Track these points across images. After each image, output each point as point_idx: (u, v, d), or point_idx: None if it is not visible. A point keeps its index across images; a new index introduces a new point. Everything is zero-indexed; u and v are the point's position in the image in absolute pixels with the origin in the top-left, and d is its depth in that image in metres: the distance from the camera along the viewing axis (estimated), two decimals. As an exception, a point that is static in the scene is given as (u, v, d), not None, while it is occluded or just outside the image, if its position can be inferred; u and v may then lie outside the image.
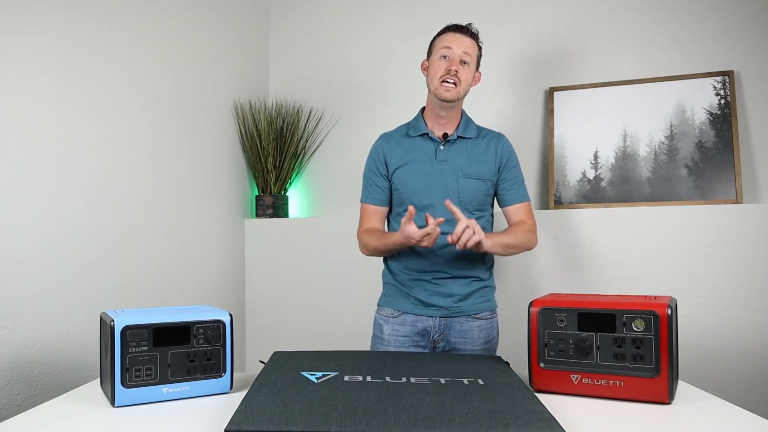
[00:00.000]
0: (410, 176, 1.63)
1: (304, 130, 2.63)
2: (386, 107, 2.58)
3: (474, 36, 1.62)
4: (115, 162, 1.84)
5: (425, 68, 1.67)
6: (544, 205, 2.35)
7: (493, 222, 1.74)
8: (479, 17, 2.49)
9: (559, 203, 2.27)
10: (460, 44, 1.58)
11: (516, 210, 1.69)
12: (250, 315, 2.57)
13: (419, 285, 1.63)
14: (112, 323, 1.05)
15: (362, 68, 2.64)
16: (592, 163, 2.25)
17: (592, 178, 2.24)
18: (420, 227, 1.46)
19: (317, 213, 2.67)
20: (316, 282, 2.49)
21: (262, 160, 2.53)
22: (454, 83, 1.58)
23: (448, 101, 1.60)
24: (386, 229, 1.75)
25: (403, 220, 1.46)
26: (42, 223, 1.58)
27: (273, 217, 2.55)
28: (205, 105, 2.30)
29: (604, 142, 2.24)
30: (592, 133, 2.27)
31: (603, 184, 2.22)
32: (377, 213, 1.70)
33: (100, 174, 1.78)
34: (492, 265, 1.73)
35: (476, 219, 1.58)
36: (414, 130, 1.68)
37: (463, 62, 1.59)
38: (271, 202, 2.55)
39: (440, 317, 1.62)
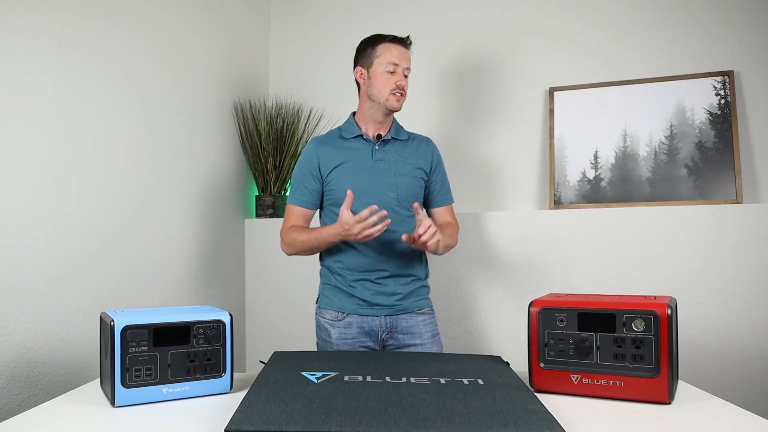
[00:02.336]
0: (348, 176, 1.66)
1: (304, 130, 2.62)
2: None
3: (409, 45, 1.72)
4: (115, 162, 1.84)
5: (362, 76, 1.72)
6: (544, 205, 2.35)
7: None
8: (479, 17, 2.49)
9: (559, 203, 2.27)
10: (404, 59, 1.69)
11: (442, 212, 1.79)
12: (250, 315, 2.57)
13: (362, 285, 1.66)
14: (112, 323, 1.05)
15: (362, 68, 2.64)
16: (592, 163, 2.25)
17: (592, 178, 2.24)
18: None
19: (317, 213, 2.67)
20: (316, 282, 2.48)
21: (262, 160, 2.53)
22: (403, 94, 1.69)
23: (397, 110, 1.71)
24: None
25: (342, 207, 1.50)
26: (42, 223, 1.58)
27: (273, 217, 2.55)
28: (205, 105, 2.31)
29: (604, 142, 2.24)
30: (592, 133, 2.27)
31: (603, 184, 2.22)
32: (304, 215, 1.73)
33: (100, 174, 1.78)
34: (427, 267, 1.79)
35: (411, 216, 1.69)
36: (348, 133, 1.73)
37: (405, 76, 1.70)
38: (271, 202, 2.55)
39: (385, 316, 1.67)
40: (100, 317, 1.14)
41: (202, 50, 2.30)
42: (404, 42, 1.70)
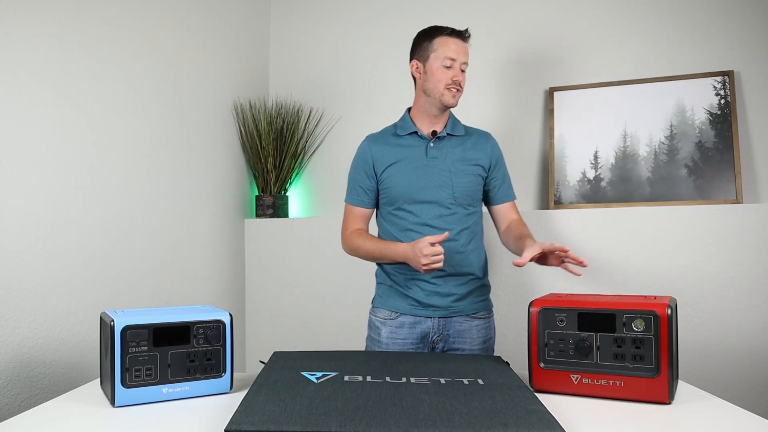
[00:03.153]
0: (402, 174, 1.63)
1: (304, 130, 2.63)
2: (386, 107, 2.58)
3: (467, 39, 1.66)
4: (115, 162, 1.84)
5: (417, 70, 1.68)
6: (544, 205, 2.35)
7: (482, 217, 1.74)
8: (479, 17, 2.49)
9: (559, 203, 2.27)
10: (462, 53, 1.62)
11: (507, 208, 1.73)
12: (250, 315, 2.57)
13: (416, 285, 1.63)
14: (112, 323, 1.05)
15: (362, 68, 2.64)
16: (592, 163, 2.25)
17: (592, 178, 2.24)
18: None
19: (317, 213, 2.67)
20: (316, 282, 2.49)
21: (262, 160, 2.53)
22: (459, 90, 1.63)
23: (453, 107, 1.65)
24: (379, 230, 1.74)
25: (428, 237, 1.46)
26: (42, 223, 1.58)
27: (273, 217, 2.55)
28: (205, 105, 2.31)
29: (604, 142, 2.24)
30: (592, 133, 2.27)
31: (603, 184, 2.22)
32: (362, 215, 1.71)
33: (100, 174, 1.78)
34: (486, 264, 1.73)
35: (468, 214, 1.65)
36: (402, 129, 1.69)
37: (462, 71, 1.64)
38: (271, 202, 2.55)
39: (439, 317, 1.62)
40: (100, 317, 1.14)
41: (202, 50, 2.30)
42: (462, 35, 1.64)
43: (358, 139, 2.60)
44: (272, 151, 2.52)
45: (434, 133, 1.67)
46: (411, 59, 1.70)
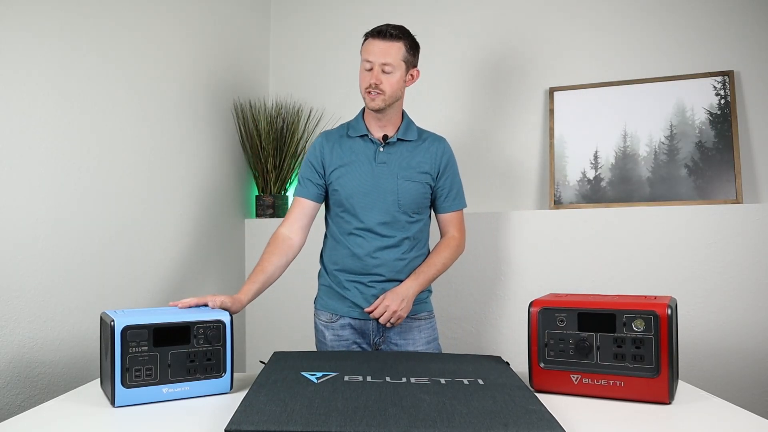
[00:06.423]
0: (349, 178, 1.61)
1: (304, 130, 2.63)
2: (386, 107, 2.58)
3: (394, 37, 1.55)
4: (115, 162, 1.84)
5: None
6: (544, 205, 2.35)
7: (429, 224, 1.72)
8: (479, 17, 2.49)
9: (559, 203, 2.27)
10: (378, 54, 1.54)
11: (447, 219, 1.69)
12: (250, 315, 2.57)
13: (356, 287, 1.62)
14: (112, 323, 1.05)
15: (362, 68, 2.64)
16: (592, 163, 2.25)
17: (592, 178, 2.24)
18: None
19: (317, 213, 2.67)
20: (315, 282, 2.49)
21: (262, 160, 2.53)
22: (378, 93, 1.56)
23: (375, 111, 1.59)
24: (326, 229, 1.73)
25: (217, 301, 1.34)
26: (42, 223, 1.58)
27: (273, 217, 2.55)
28: (205, 105, 2.30)
29: (604, 142, 2.24)
30: (592, 133, 2.27)
31: (603, 184, 2.22)
32: (301, 205, 1.65)
33: (100, 174, 1.78)
34: None
35: (412, 222, 1.62)
36: (354, 131, 1.65)
37: (384, 72, 1.55)
38: (271, 202, 2.55)
39: (377, 320, 1.61)
40: (100, 317, 1.14)
41: (202, 50, 2.30)
42: (377, 34, 1.55)
43: (358, 139, 2.61)
44: (272, 151, 2.52)
45: (385, 137, 1.63)
46: None
